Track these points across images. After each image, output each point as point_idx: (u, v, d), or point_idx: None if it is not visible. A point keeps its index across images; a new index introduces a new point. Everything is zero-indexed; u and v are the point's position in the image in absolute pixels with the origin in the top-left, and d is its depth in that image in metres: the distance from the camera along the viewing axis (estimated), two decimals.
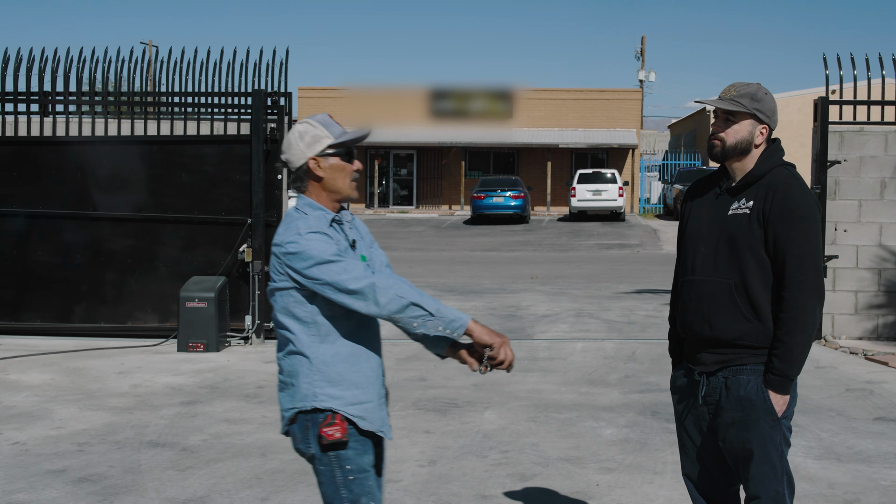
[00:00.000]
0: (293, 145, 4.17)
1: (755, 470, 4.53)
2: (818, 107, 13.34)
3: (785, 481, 4.56)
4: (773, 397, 4.49)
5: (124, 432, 8.65)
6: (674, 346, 4.92)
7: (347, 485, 4.09)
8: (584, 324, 14.96)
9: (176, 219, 13.60)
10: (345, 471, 4.08)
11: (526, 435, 8.53)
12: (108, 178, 13.71)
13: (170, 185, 13.61)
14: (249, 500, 6.88)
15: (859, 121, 13.46)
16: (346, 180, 4.20)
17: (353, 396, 4.08)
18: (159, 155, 13.67)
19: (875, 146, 13.30)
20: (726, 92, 4.67)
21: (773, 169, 4.59)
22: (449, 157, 53.28)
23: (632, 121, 53.77)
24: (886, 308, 13.33)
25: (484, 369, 4.15)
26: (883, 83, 13.39)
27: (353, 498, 4.10)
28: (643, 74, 64.03)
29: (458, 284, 20.65)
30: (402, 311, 3.94)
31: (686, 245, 4.78)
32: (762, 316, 4.49)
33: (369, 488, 4.12)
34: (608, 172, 44.06)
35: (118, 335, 13.51)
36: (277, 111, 13.43)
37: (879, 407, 9.59)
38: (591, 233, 37.58)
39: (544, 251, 31.13)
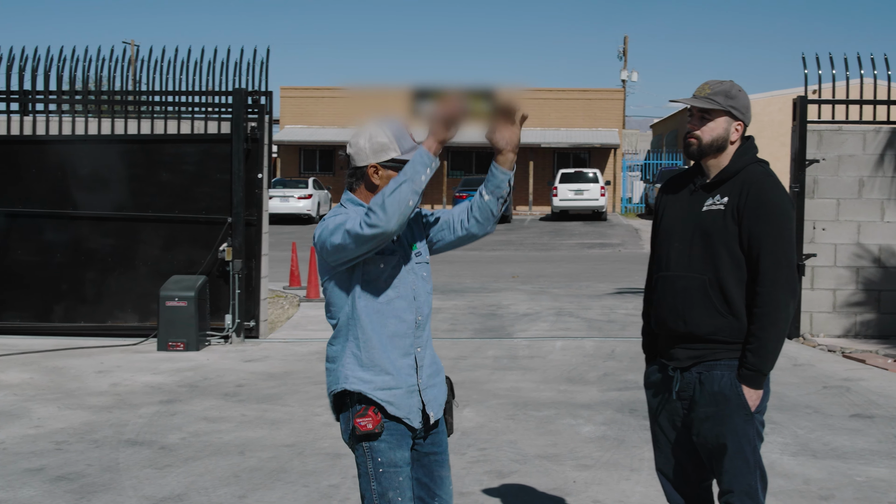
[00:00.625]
0: (361, 145, 4.28)
1: (729, 464, 4.57)
2: (797, 106, 13.40)
3: (758, 475, 4.60)
4: (747, 392, 4.52)
5: (103, 431, 8.64)
6: (648, 342, 4.95)
7: (377, 477, 4.22)
8: (565, 322, 14.99)
9: (156, 218, 13.58)
10: (376, 463, 4.22)
11: (504, 433, 8.55)
12: (89, 178, 13.68)
13: (150, 184, 13.59)
14: (227, 497, 6.89)
15: (838, 120, 13.52)
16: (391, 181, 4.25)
17: (384, 382, 4.23)
18: (140, 154, 13.65)
19: (853, 145, 13.36)
20: (700, 90, 4.70)
21: (748, 166, 4.63)
22: None
23: (614, 120, 53.84)
24: (864, 306, 13.39)
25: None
26: (861, 82, 13.47)
27: (382, 490, 4.22)
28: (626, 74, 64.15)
29: (440, 283, 20.63)
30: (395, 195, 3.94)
31: (660, 241, 4.81)
32: (736, 311, 4.53)
33: (398, 483, 4.23)
34: (590, 172, 44.10)
35: (98, 334, 13.48)
36: (258, 110, 13.42)
37: (856, 404, 9.64)
38: (573, 232, 37.63)
39: (526, 250, 31.17)
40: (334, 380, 4.30)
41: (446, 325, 14.64)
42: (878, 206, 13.34)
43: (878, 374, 11.02)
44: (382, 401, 4.21)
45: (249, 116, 13.40)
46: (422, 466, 4.41)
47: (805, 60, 13.56)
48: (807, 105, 13.37)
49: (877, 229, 13.35)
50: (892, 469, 7.52)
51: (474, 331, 14.25)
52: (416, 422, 4.28)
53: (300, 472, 7.42)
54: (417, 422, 4.28)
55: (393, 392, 4.23)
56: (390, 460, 4.22)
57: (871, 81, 13.55)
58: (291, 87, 54.49)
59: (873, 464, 7.65)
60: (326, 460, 7.67)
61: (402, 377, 4.26)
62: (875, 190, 13.35)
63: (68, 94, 13.80)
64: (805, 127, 13.33)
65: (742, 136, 4.70)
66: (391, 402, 4.22)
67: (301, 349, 12.70)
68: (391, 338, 4.25)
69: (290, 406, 9.58)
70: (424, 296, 4.37)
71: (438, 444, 4.43)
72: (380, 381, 4.23)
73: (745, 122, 4.67)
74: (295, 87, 54.57)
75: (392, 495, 4.21)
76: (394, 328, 4.25)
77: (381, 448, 4.22)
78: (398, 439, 4.24)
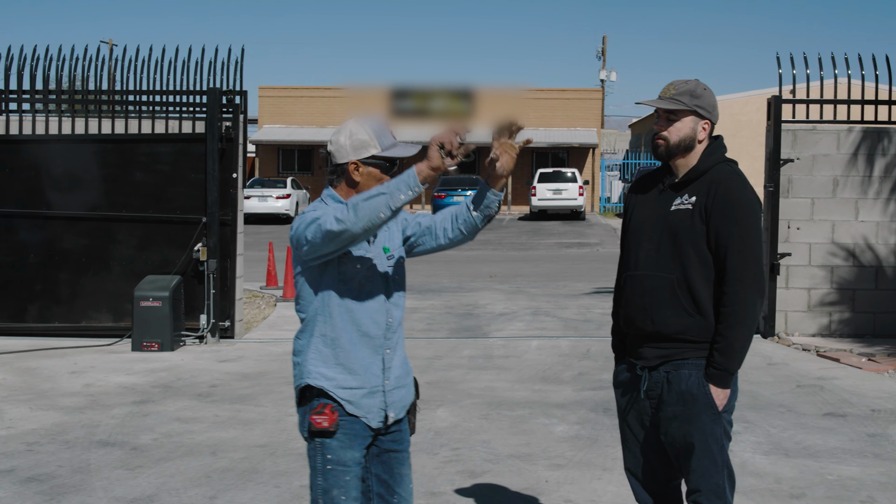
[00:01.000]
0: (341, 142, 4.27)
1: (696, 463, 4.57)
2: (771, 105, 13.44)
3: (725, 474, 4.61)
4: (714, 391, 4.53)
5: (74, 432, 8.60)
6: (617, 342, 4.96)
7: (325, 473, 4.27)
8: (541, 322, 15.00)
9: (131, 217, 13.52)
10: (325, 459, 4.26)
11: (477, 432, 8.55)
12: (63, 177, 13.61)
13: (125, 184, 13.53)
14: (198, 498, 6.86)
15: (812, 119, 13.56)
16: None
17: (346, 381, 4.25)
18: (114, 153, 13.59)
19: (828, 144, 13.41)
20: (666, 91, 4.71)
21: (716, 165, 4.64)
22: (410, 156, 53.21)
23: (592, 120, 53.94)
24: (839, 305, 13.43)
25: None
26: (835, 82, 13.51)
27: (327, 487, 4.26)
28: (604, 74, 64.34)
29: (417, 283, 20.62)
30: (369, 203, 3.92)
31: (629, 240, 4.82)
32: (703, 311, 4.53)
33: (345, 483, 4.26)
34: (569, 172, 44.13)
35: (72, 335, 13.42)
36: (233, 109, 13.38)
37: (829, 402, 9.67)
38: (552, 232, 37.66)
39: (504, 250, 31.19)
40: (299, 374, 4.31)
41: (422, 325, 14.63)
42: (852, 206, 13.39)
43: (851, 373, 11.06)
44: (342, 399, 4.23)
45: (224, 116, 13.35)
46: (382, 463, 4.41)
47: (779, 60, 13.60)
48: (781, 105, 13.41)
49: (851, 228, 13.40)
50: (863, 468, 7.54)
51: (450, 330, 14.25)
52: (374, 421, 4.29)
53: (272, 473, 7.40)
54: (377, 422, 4.29)
55: (354, 392, 4.24)
56: (340, 459, 4.24)
57: (844, 81, 13.60)
58: (269, 87, 54.41)
59: (845, 462, 7.68)
60: (299, 461, 7.64)
61: (367, 378, 4.26)
62: (849, 189, 13.39)
63: (42, 93, 13.73)
64: (779, 126, 13.37)
65: (710, 136, 4.71)
66: (351, 401, 4.24)
67: (276, 349, 12.66)
68: (361, 338, 4.26)
69: (263, 406, 9.56)
70: (397, 298, 4.37)
71: (400, 441, 4.44)
72: (342, 379, 4.24)
73: (711, 120, 4.68)
74: (273, 86, 54.50)
75: (336, 493, 4.24)
76: (364, 328, 4.26)
77: (332, 446, 4.24)
78: (351, 439, 4.25)
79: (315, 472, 4.28)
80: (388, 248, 4.39)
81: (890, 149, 13.35)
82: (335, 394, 4.23)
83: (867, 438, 8.37)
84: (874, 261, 13.38)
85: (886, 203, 13.37)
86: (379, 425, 4.30)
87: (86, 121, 13.61)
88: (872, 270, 13.41)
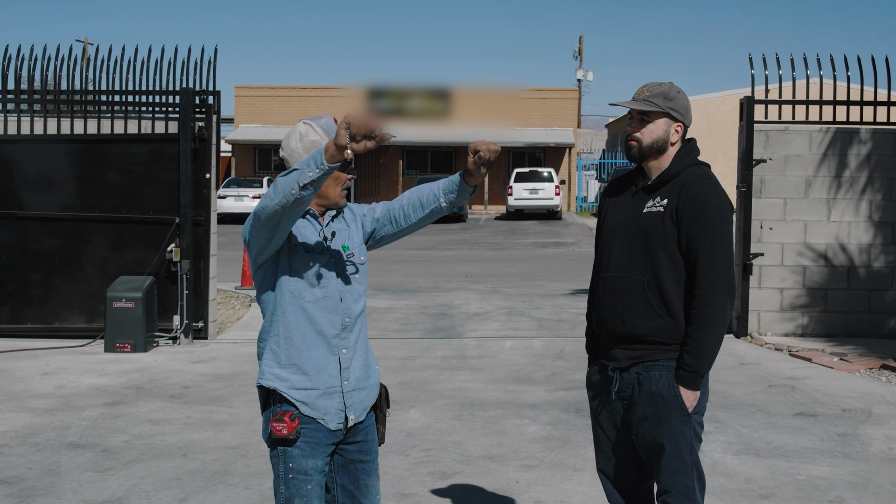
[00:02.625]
0: (293, 146, 4.23)
1: (666, 464, 4.59)
2: (744, 106, 13.49)
3: (695, 475, 4.62)
4: (684, 393, 4.54)
5: (45, 434, 8.56)
6: (590, 343, 4.98)
7: (287, 482, 4.24)
8: (515, 322, 15.01)
9: (104, 218, 13.46)
10: (287, 467, 4.23)
11: (449, 433, 8.54)
12: (35, 177, 13.54)
13: (97, 185, 13.47)
14: (168, 500, 6.83)
15: (785, 120, 13.62)
16: (336, 189, 4.28)
17: (299, 382, 4.22)
18: (86, 154, 13.52)
19: (800, 145, 13.46)
20: (639, 93, 4.73)
21: (688, 168, 4.66)
22: (387, 155, 53.26)
23: (569, 120, 54.01)
24: (811, 305, 13.49)
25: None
26: (808, 83, 13.57)
27: (289, 496, 4.24)
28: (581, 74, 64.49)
29: (392, 283, 20.64)
30: (285, 179, 3.86)
31: (602, 242, 4.84)
32: (674, 312, 4.55)
33: (306, 492, 4.23)
34: (545, 171, 44.19)
35: (45, 336, 13.34)
36: (206, 109, 13.33)
37: (800, 402, 9.71)
38: (528, 231, 37.69)
39: (480, 250, 31.19)
40: (259, 375, 4.30)
41: (397, 326, 14.62)
42: (824, 206, 13.45)
43: (823, 373, 11.12)
44: (297, 400, 4.19)
45: (197, 116, 13.31)
46: (348, 473, 4.38)
47: (752, 61, 13.66)
48: (754, 105, 13.46)
49: (823, 228, 13.46)
50: (833, 467, 7.58)
51: (424, 331, 14.23)
52: (333, 423, 4.25)
53: (243, 475, 7.38)
54: (335, 423, 4.25)
55: (308, 392, 4.21)
56: (301, 468, 4.21)
57: (817, 81, 13.66)
58: (246, 87, 54.31)
59: (815, 462, 7.71)
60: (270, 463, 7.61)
61: (322, 378, 4.22)
62: (821, 189, 13.45)
63: (14, 93, 13.64)
64: (752, 127, 13.43)
65: (683, 138, 4.73)
66: (306, 402, 4.20)
67: (250, 350, 12.62)
68: (316, 337, 4.22)
69: (235, 408, 9.53)
70: (354, 297, 4.32)
71: (367, 452, 4.41)
72: (296, 380, 4.21)
73: (685, 123, 4.69)
74: (249, 85, 54.41)
75: (297, 502, 4.21)
76: (318, 327, 4.22)
77: (294, 454, 4.21)
78: (313, 448, 4.22)
79: (278, 479, 4.26)
80: (347, 247, 4.35)
81: (862, 149, 13.42)
82: (289, 395, 4.20)
83: (837, 438, 8.41)
84: (846, 261, 13.45)
85: (858, 203, 13.44)
86: (339, 427, 4.26)
87: (58, 121, 13.55)
88: (844, 270, 13.48)
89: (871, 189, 13.43)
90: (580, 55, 65.81)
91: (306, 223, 4.27)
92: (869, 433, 8.59)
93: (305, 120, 4.27)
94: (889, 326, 13.49)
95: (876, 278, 13.49)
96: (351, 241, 4.38)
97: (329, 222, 4.34)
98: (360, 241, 4.43)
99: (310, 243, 4.23)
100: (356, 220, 4.45)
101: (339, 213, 4.40)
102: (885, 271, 13.48)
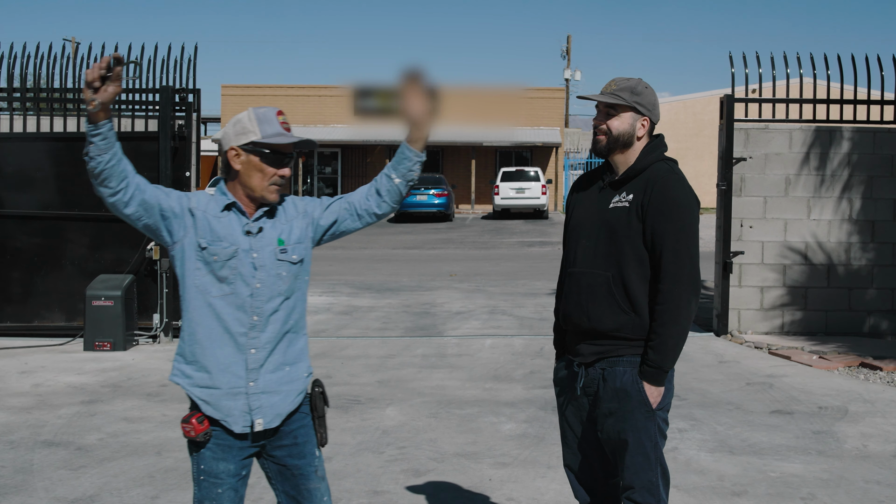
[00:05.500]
0: (226, 130, 4.16)
1: (630, 460, 4.59)
2: (724, 104, 13.50)
3: (659, 472, 4.62)
4: (648, 389, 4.54)
5: (20, 432, 8.53)
6: (558, 339, 4.98)
7: (198, 483, 4.18)
8: (497, 320, 15.00)
9: (83, 216, 13.43)
10: (198, 469, 4.16)
11: (425, 431, 8.54)
12: (14, 176, 13.50)
13: (77, 183, 13.42)
14: (139, 498, 6.82)
15: (764, 118, 13.65)
16: (262, 181, 4.14)
17: (202, 379, 4.12)
18: (66, 152, 13.48)
19: (780, 143, 13.49)
20: (607, 87, 4.74)
21: (654, 164, 4.66)
22: (373, 155, 53.21)
23: (556, 119, 54.02)
24: (791, 303, 13.51)
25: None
26: (788, 81, 13.59)
27: (200, 497, 4.18)
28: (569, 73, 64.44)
29: (376, 282, 20.63)
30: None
31: (570, 237, 4.85)
32: (638, 308, 4.55)
33: (216, 495, 4.15)
34: (532, 170, 44.17)
35: (24, 334, 13.32)
36: (185, 108, 13.31)
37: (777, 400, 9.72)
38: (514, 230, 37.69)
39: (466, 249, 31.17)
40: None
41: (378, 324, 14.61)
42: (804, 204, 13.47)
43: (801, 371, 11.14)
44: (199, 399, 4.10)
45: (177, 114, 13.29)
46: (286, 480, 4.30)
47: (732, 59, 13.68)
48: (734, 104, 13.47)
49: (803, 227, 13.49)
50: (806, 464, 7.59)
51: (405, 329, 14.22)
52: (237, 426, 4.12)
53: None
54: (239, 427, 4.12)
55: (210, 391, 4.10)
56: (211, 470, 4.13)
57: (797, 81, 13.68)
58: (233, 86, 54.22)
59: (788, 459, 7.72)
60: None
61: (225, 377, 4.10)
62: (801, 188, 13.48)
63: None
64: (732, 125, 13.44)
65: (650, 134, 4.73)
66: (208, 401, 4.10)
67: None
68: (222, 335, 4.09)
69: None
70: (268, 295, 4.15)
71: (300, 455, 4.28)
72: (199, 377, 4.11)
73: (651, 118, 4.69)
74: (236, 84, 54.31)
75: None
76: (225, 325, 4.09)
77: (205, 456, 4.13)
78: (224, 451, 4.13)
79: (193, 480, 4.19)
80: (282, 241, 4.21)
81: (841, 147, 13.45)
82: (191, 392, 4.11)
83: (812, 436, 8.42)
84: (826, 259, 13.48)
85: (838, 202, 13.47)
86: (244, 430, 4.12)
87: (37, 119, 13.53)
88: (824, 269, 13.51)
89: (851, 187, 13.46)
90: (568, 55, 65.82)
91: (224, 216, 4.14)
92: (844, 430, 8.60)
93: (251, 108, 4.21)
94: (869, 324, 13.53)
95: (856, 276, 13.52)
96: (289, 234, 4.23)
97: (261, 216, 4.19)
98: (303, 238, 4.27)
99: (221, 237, 4.10)
100: (300, 217, 4.29)
101: (274, 210, 4.25)
102: (865, 270, 13.52)
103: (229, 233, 4.12)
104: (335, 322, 14.84)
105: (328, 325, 14.51)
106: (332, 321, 14.91)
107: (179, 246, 4.11)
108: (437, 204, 42.25)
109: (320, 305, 16.55)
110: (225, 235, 4.11)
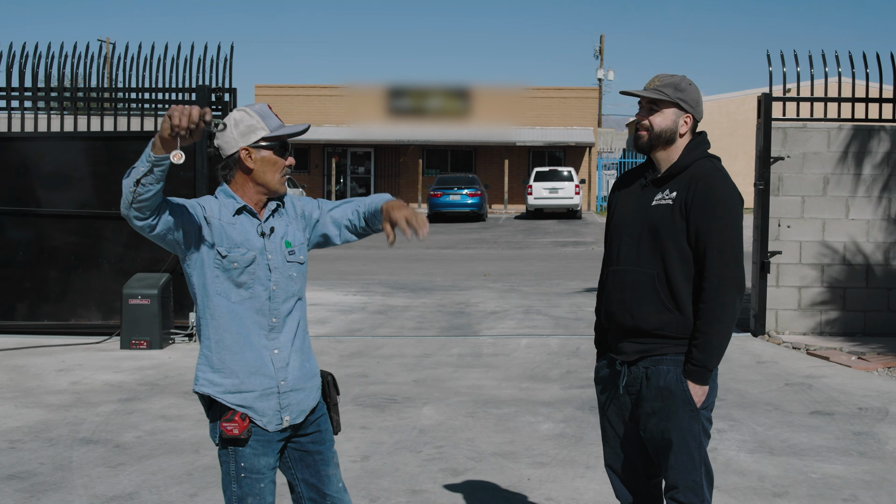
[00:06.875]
0: (227, 134, 4.12)
1: (674, 460, 4.55)
2: (761, 103, 13.40)
3: (703, 472, 4.58)
4: (692, 388, 4.50)
5: (58, 429, 8.57)
6: (599, 337, 4.95)
7: (239, 481, 4.17)
8: (532, 320, 14.96)
9: (120, 215, 13.40)
10: (239, 467, 4.16)
11: (462, 430, 8.51)
12: (52, 175, 13.57)
13: (114, 182, 13.45)
14: (178, 496, 6.83)
15: (802, 117, 13.54)
16: (275, 175, 4.17)
17: (233, 385, 4.13)
18: (103, 151, 13.54)
19: (818, 142, 13.38)
20: (651, 83, 4.71)
21: (697, 161, 4.62)
22: (407, 155, 53.28)
23: (589, 119, 53.91)
24: (829, 303, 13.40)
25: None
26: (826, 80, 13.49)
27: (242, 495, 4.17)
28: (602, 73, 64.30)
29: (410, 282, 20.62)
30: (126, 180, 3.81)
31: (612, 235, 4.81)
32: (682, 307, 4.51)
33: (259, 490, 4.17)
34: (565, 170, 44.12)
35: (61, 333, 13.38)
36: (221, 107, 13.35)
37: (816, 401, 9.64)
38: (547, 230, 37.63)
39: (499, 248, 31.14)
40: (194, 381, 4.22)
41: (413, 323, 14.60)
42: (842, 204, 13.36)
43: (840, 371, 11.04)
44: (231, 405, 4.11)
45: (213, 113, 13.30)
46: (307, 467, 4.33)
47: (770, 58, 13.57)
48: (771, 102, 13.37)
49: (841, 227, 13.37)
50: (847, 466, 7.52)
51: (441, 328, 14.21)
52: (271, 425, 4.16)
53: None
54: (273, 425, 4.17)
55: (243, 395, 4.12)
56: (253, 466, 4.15)
57: (835, 79, 13.57)
58: (266, 85, 54.39)
59: (829, 461, 7.65)
60: None
61: (257, 380, 4.13)
62: (839, 187, 13.37)
63: (31, 90, 13.69)
64: (770, 124, 13.34)
65: (693, 131, 4.69)
66: (241, 405, 4.12)
67: None
68: (247, 339, 4.12)
69: None
70: (284, 297, 4.21)
71: (321, 442, 4.34)
72: (228, 384, 4.12)
73: (694, 115, 4.66)
74: (270, 84, 54.49)
75: (251, 501, 4.17)
76: (248, 329, 4.12)
77: (246, 453, 4.14)
78: (263, 445, 4.16)
79: (229, 478, 4.18)
80: (290, 243, 4.25)
81: (880, 147, 13.33)
82: (223, 399, 4.11)
83: (853, 437, 8.34)
84: (864, 259, 13.36)
85: (877, 201, 13.35)
86: (276, 429, 4.17)
87: (75, 118, 13.59)
88: (863, 269, 13.39)
89: (891, 187, 13.33)
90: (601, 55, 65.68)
91: (237, 220, 4.15)
92: (885, 432, 8.52)
93: (239, 107, 4.20)
94: None
95: (895, 277, 13.39)
96: (294, 237, 4.28)
97: (269, 217, 4.22)
98: (302, 240, 4.32)
99: (238, 243, 4.12)
100: (298, 219, 4.34)
101: (279, 207, 4.28)
102: None
103: (245, 238, 4.13)
104: (370, 321, 14.84)
105: (363, 325, 14.51)
106: (368, 320, 14.91)
107: (198, 256, 4.10)
108: (470, 204, 42.25)
109: (355, 305, 16.56)
110: (242, 241, 4.12)
